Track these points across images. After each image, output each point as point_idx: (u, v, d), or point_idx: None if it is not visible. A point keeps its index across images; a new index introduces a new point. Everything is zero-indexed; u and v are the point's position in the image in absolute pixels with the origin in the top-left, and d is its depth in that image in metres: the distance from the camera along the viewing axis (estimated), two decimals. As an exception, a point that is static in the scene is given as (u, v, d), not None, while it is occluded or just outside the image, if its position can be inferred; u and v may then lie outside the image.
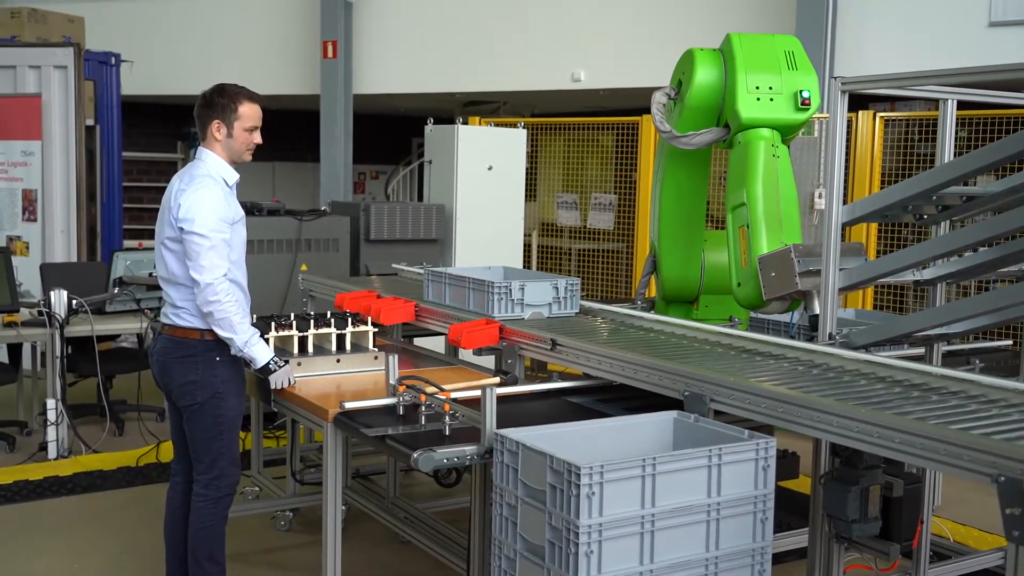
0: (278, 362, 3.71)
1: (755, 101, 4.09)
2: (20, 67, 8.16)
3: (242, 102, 3.64)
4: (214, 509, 3.69)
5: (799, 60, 4.18)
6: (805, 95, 4.08)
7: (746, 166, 4.04)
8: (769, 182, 4.00)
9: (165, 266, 3.65)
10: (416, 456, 2.91)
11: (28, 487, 5.41)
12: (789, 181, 4.06)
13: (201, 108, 3.66)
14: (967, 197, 3.75)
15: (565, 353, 3.61)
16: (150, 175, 13.93)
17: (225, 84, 3.69)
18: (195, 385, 3.62)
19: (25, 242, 8.07)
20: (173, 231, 3.57)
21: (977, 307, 3.39)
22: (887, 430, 2.47)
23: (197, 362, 3.62)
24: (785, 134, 4.13)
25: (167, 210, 3.63)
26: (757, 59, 4.14)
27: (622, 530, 2.51)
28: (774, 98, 4.10)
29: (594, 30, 9.83)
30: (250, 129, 3.67)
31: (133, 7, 11.87)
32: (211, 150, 3.66)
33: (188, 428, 3.71)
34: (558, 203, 8.93)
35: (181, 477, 3.86)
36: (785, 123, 4.10)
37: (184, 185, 3.60)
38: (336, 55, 10.89)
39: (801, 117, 4.08)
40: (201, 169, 3.63)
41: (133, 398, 6.40)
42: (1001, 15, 7.46)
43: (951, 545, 4.59)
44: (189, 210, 3.51)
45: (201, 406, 3.63)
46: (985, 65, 3.25)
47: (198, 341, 3.61)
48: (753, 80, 4.10)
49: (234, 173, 3.69)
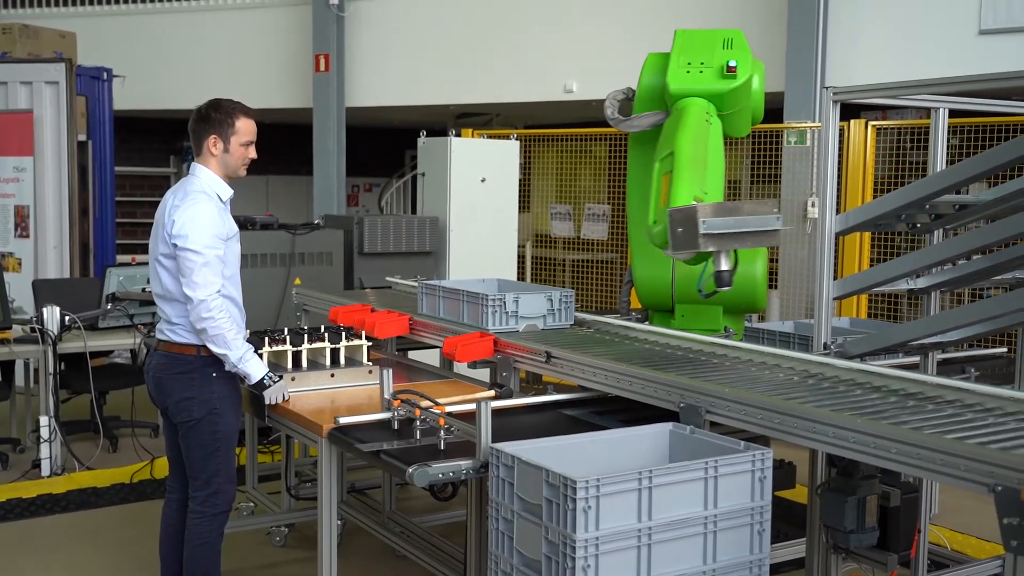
0: (273, 377, 3.70)
1: (684, 74, 4.21)
2: (11, 83, 8.16)
3: (239, 117, 3.64)
4: (210, 526, 3.67)
5: (736, 44, 4.25)
6: (732, 64, 4.15)
7: (678, 123, 4.10)
8: (699, 138, 4.05)
9: (160, 282, 3.64)
10: (411, 471, 2.89)
11: (21, 505, 5.38)
12: (718, 148, 4.10)
13: (197, 123, 3.66)
14: (960, 205, 3.76)
15: (560, 365, 3.60)
16: (143, 190, 13.91)
17: (221, 99, 3.68)
18: (191, 401, 3.61)
19: (17, 258, 8.04)
20: (167, 247, 3.56)
21: (972, 315, 3.39)
22: (884, 440, 2.47)
23: (193, 378, 3.60)
24: (720, 107, 4.17)
25: (160, 226, 3.62)
26: (693, 45, 4.28)
27: (619, 544, 2.49)
28: (703, 70, 4.22)
29: (586, 41, 9.85)
30: (246, 144, 3.67)
31: (125, 22, 11.88)
32: (206, 165, 3.66)
33: (184, 445, 3.69)
34: (552, 214, 8.94)
35: (177, 494, 3.84)
36: (713, 91, 4.17)
37: (178, 201, 3.59)
38: (328, 68, 10.90)
39: (727, 84, 4.15)
40: (195, 185, 3.62)
41: (127, 414, 6.37)
42: (991, 23, 7.48)
43: (949, 554, 4.57)
44: (183, 226, 3.51)
45: (198, 422, 3.61)
46: (977, 74, 3.26)
47: (194, 357, 3.60)
48: (685, 58, 4.24)
49: (228, 189, 3.69)
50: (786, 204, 7.69)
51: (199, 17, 11.78)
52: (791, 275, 7.64)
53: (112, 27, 11.69)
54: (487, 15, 10.45)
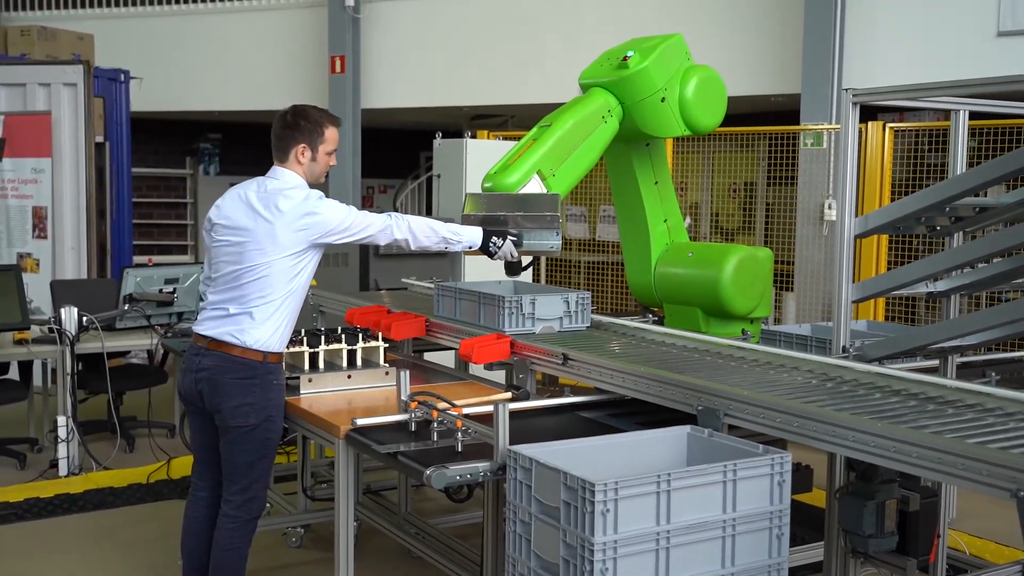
0: (496, 242, 3.82)
1: (597, 67, 4.42)
2: (30, 85, 8.21)
3: (327, 126, 3.66)
4: (242, 531, 3.65)
5: (669, 45, 4.34)
6: (628, 55, 4.26)
7: (572, 105, 4.25)
8: (582, 125, 4.17)
9: (260, 279, 3.53)
10: (429, 473, 2.89)
11: (39, 504, 5.41)
12: (596, 145, 4.22)
13: (284, 130, 3.64)
14: (980, 208, 3.74)
15: (577, 368, 3.59)
16: (159, 191, 13.98)
17: (306, 106, 3.70)
18: (251, 407, 3.56)
19: (35, 259, 8.09)
20: (303, 244, 3.52)
21: (992, 319, 3.37)
22: (904, 444, 2.45)
23: (255, 384, 3.56)
24: (619, 96, 4.27)
25: (256, 215, 3.53)
26: (629, 45, 4.40)
27: (637, 547, 2.49)
28: (604, 64, 4.38)
29: (601, 43, 9.79)
30: (331, 152, 3.71)
31: (142, 24, 11.93)
32: (291, 171, 3.65)
33: (230, 449, 3.62)
34: (567, 215, 8.92)
35: (205, 492, 3.79)
36: (609, 80, 4.30)
37: (300, 198, 3.54)
38: (344, 70, 10.92)
39: (618, 74, 4.26)
40: (299, 186, 3.61)
41: (143, 414, 6.40)
42: (1010, 25, 7.44)
43: (968, 559, 4.55)
44: (314, 210, 3.52)
45: (253, 429, 3.57)
46: (997, 76, 3.25)
47: (259, 363, 3.56)
48: (608, 55, 4.43)
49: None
50: (803, 206, 7.66)
51: (215, 19, 11.82)
52: (807, 277, 7.61)
53: (129, 29, 11.75)
54: (502, 17, 10.45)
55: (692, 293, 4.40)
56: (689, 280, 4.42)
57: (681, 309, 4.48)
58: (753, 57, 8.80)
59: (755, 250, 4.48)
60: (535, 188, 3.99)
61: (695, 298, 4.39)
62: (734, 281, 4.27)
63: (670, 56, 4.31)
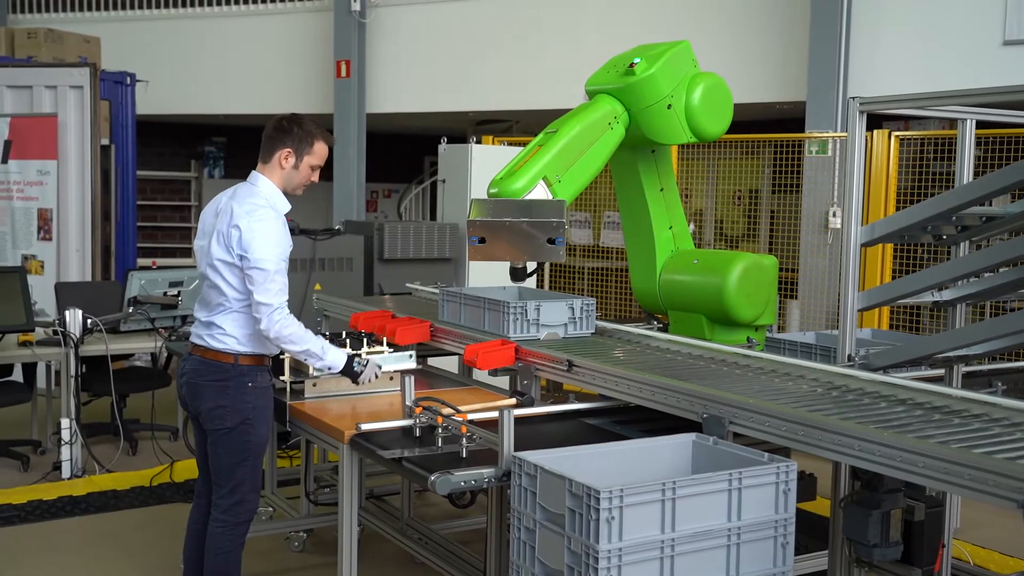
0: (360, 361, 3.74)
1: (603, 73, 4.42)
2: (36, 87, 8.23)
3: (318, 139, 3.63)
4: (232, 535, 3.66)
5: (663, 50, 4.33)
6: (634, 61, 4.26)
7: (579, 111, 4.26)
8: (588, 132, 4.17)
9: (214, 286, 3.56)
10: (433, 479, 2.89)
11: (42, 507, 5.41)
12: (602, 152, 4.23)
13: (274, 131, 3.62)
14: (986, 218, 3.73)
15: (582, 374, 3.59)
16: (164, 194, 14.00)
17: (303, 116, 3.67)
18: (224, 410, 3.57)
19: (40, 261, 8.10)
20: (227, 254, 3.49)
21: (998, 329, 3.36)
22: (910, 454, 2.44)
23: (228, 387, 3.57)
24: (626, 103, 4.28)
25: (219, 233, 3.52)
26: (636, 52, 4.42)
27: (642, 555, 2.48)
28: (610, 71, 4.38)
29: (606, 48, 9.80)
30: (315, 167, 3.67)
31: (148, 27, 11.96)
32: (268, 176, 3.62)
33: (212, 452, 3.66)
34: (570, 221, 8.92)
35: (205, 499, 3.81)
36: (615, 87, 4.31)
37: (243, 211, 3.50)
38: (349, 74, 10.94)
39: (626, 79, 4.27)
40: (259, 198, 3.56)
41: (147, 417, 6.40)
42: (1016, 33, 7.43)
43: (972, 569, 4.53)
44: (253, 242, 3.45)
45: (229, 431, 3.58)
46: (1004, 85, 3.24)
47: (231, 365, 3.57)
48: (615, 63, 4.42)
49: (287, 203, 3.66)
50: (807, 214, 7.66)
51: (221, 23, 11.84)
52: (811, 285, 7.61)
53: (136, 32, 11.77)
54: (507, 22, 10.46)
55: (697, 300, 4.40)
56: (694, 287, 4.43)
57: (686, 316, 4.48)
58: (759, 64, 8.79)
59: (760, 258, 4.48)
60: (541, 194, 3.99)
61: (700, 305, 4.39)
62: (739, 288, 4.28)
63: (677, 63, 4.31)
